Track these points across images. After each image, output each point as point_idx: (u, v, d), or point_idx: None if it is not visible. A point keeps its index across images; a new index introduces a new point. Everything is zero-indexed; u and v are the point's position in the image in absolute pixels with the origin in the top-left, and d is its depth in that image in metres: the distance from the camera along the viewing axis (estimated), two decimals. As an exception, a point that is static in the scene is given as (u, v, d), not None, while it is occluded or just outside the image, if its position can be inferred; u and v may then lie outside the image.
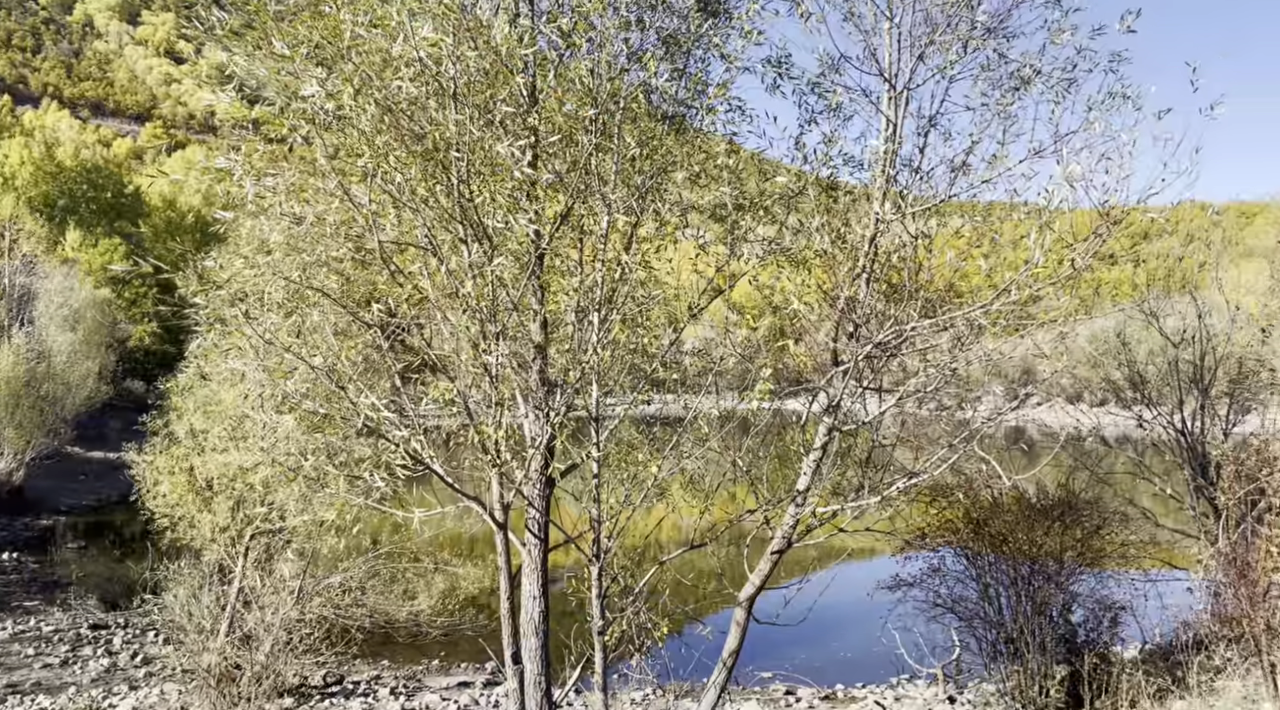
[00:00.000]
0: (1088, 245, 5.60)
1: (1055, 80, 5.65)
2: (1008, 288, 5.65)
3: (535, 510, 6.87)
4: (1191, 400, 12.20)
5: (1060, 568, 9.22)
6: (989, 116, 6.17)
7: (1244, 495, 6.64)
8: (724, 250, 6.89)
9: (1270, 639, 5.90)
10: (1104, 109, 5.53)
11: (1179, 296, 15.33)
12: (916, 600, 9.72)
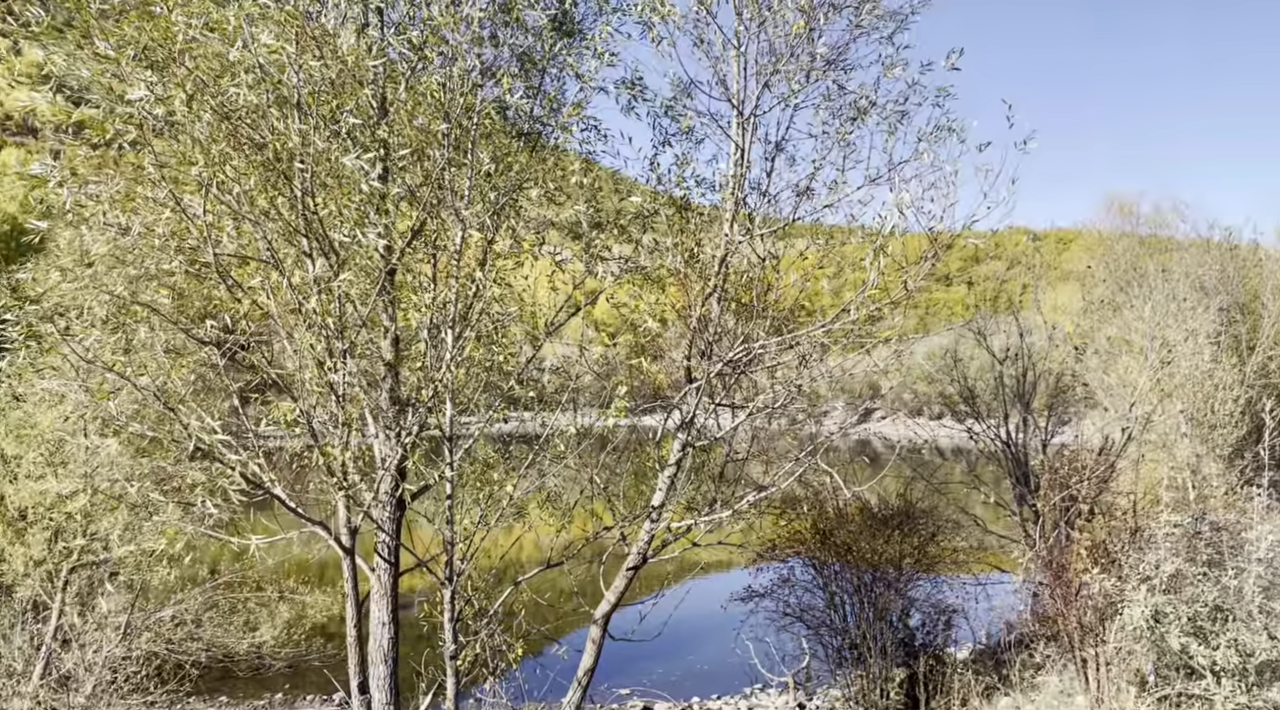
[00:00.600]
0: (919, 268, 5.95)
1: (889, 112, 6.00)
2: (847, 308, 5.94)
3: (385, 533, 6.66)
4: (1015, 413, 13.11)
5: (899, 574, 9.68)
6: (830, 144, 6.47)
7: (1058, 502, 7.18)
8: (581, 268, 6.94)
9: (1082, 635, 6.39)
10: (932, 141, 5.91)
11: (1005, 316, 16.47)
12: (768, 610, 9.98)
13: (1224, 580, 5.80)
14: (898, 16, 5.90)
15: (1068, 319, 29.90)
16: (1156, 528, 6.26)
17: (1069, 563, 6.39)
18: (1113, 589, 5.94)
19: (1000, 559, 11.84)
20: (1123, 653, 6.22)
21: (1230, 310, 19.70)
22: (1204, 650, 5.58)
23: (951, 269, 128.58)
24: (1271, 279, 20.58)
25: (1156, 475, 17.72)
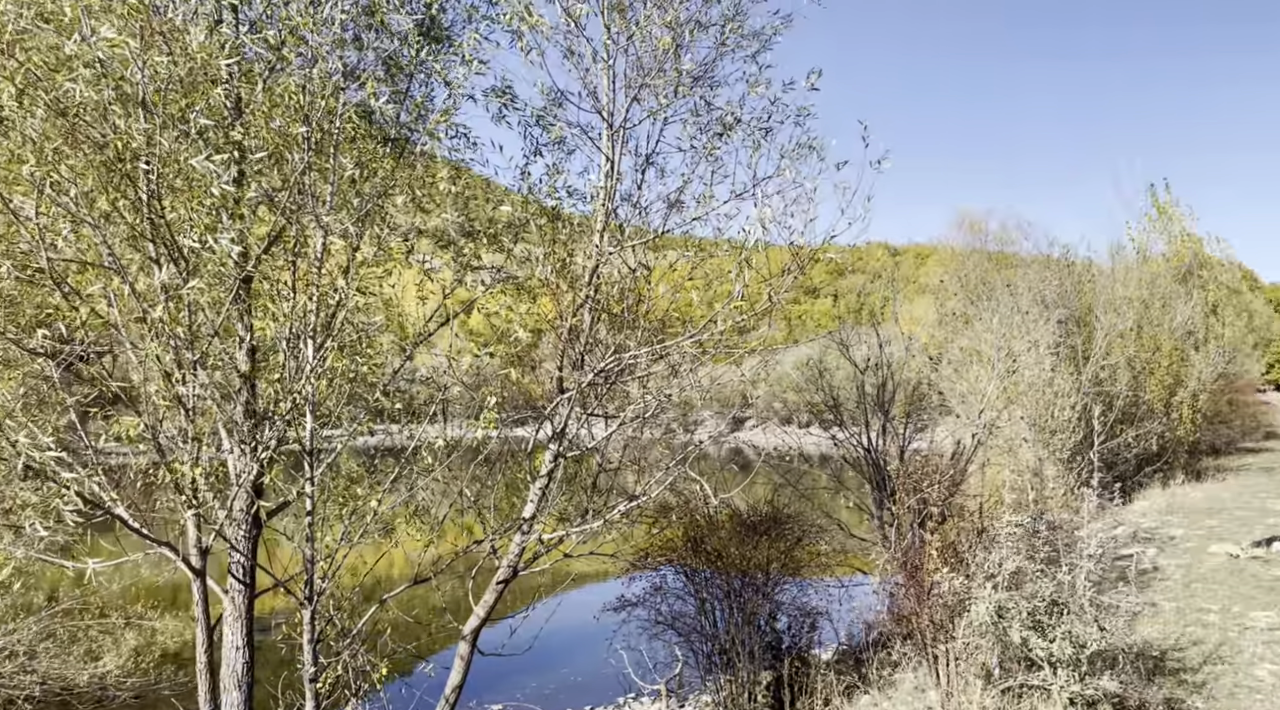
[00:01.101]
0: (783, 281, 6.14)
1: (754, 129, 6.18)
2: (713, 319, 6.06)
3: (240, 553, 6.35)
4: (876, 421, 13.69)
5: (767, 579, 9.93)
6: (698, 158, 6.60)
7: (912, 505, 7.54)
8: (451, 277, 6.84)
9: (934, 633, 6.72)
10: (794, 158, 6.12)
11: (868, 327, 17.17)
12: (640, 619, 10.05)
13: (1059, 576, 6.21)
14: (761, 36, 6.09)
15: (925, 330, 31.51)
16: (999, 528, 6.66)
17: (922, 563, 6.71)
18: (961, 587, 6.28)
19: (863, 562, 12.32)
20: (970, 648, 6.58)
21: (1068, 323, 21.16)
22: (1042, 643, 5.96)
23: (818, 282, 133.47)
24: (1104, 294, 22.27)
25: (1003, 478, 18.87)
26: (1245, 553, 12.56)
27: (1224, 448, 30.91)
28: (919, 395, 15.71)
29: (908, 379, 15.94)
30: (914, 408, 15.19)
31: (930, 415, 21.54)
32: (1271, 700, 6.92)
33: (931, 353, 28.80)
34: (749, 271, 5.69)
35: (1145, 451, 22.13)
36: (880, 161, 5.78)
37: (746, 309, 6.32)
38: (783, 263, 6.51)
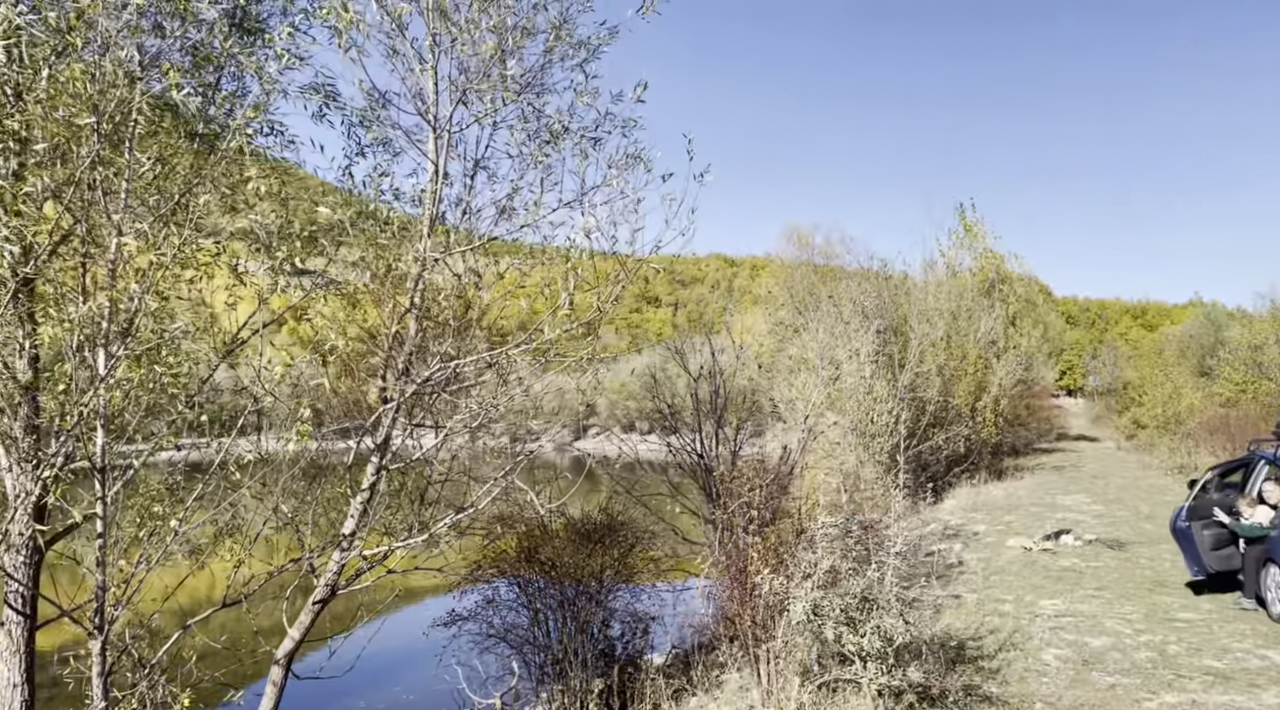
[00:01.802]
0: (610, 290, 6.19)
1: (582, 138, 6.20)
2: (539, 327, 6.03)
3: (18, 582, 5.77)
4: (709, 427, 14.04)
5: (600, 586, 9.96)
6: (528, 165, 6.56)
7: (736, 508, 7.77)
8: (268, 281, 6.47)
9: (756, 633, 6.93)
10: (621, 168, 6.18)
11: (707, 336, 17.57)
12: (471, 633, 9.85)
13: (869, 573, 6.55)
14: (588, 46, 6.12)
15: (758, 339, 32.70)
16: (816, 528, 6.96)
17: (745, 566, 6.92)
18: (781, 587, 6.51)
19: (697, 566, 12.60)
20: (789, 646, 6.83)
21: (886, 332, 22.45)
22: (853, 638, 6.26)
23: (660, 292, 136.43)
24: (918, 305, 23.81)
25: (827, 480, 19.77)
26: (1037, 546, 13.70)
27: (1023, 448, 33.68)
28: (751, 402, 16.27)
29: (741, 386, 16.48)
30: (745, 414, 15.68)
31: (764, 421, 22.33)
32: (1055, 681, 7.54)
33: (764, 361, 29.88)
34: (574, 279, 5.70)
35: (954, 453, 23.79)
36: (703, 174, 5.93)
37: (576, 318, 6.32)
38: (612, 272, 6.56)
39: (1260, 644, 8.44)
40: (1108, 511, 17.84)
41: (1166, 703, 6.88)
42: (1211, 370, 34.54)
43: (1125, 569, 12.28)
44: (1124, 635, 8.83)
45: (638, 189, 6.11)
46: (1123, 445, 36.22)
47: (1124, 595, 10.65)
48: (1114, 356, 62.45)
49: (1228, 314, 43.25)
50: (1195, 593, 10.70)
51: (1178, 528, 10.78)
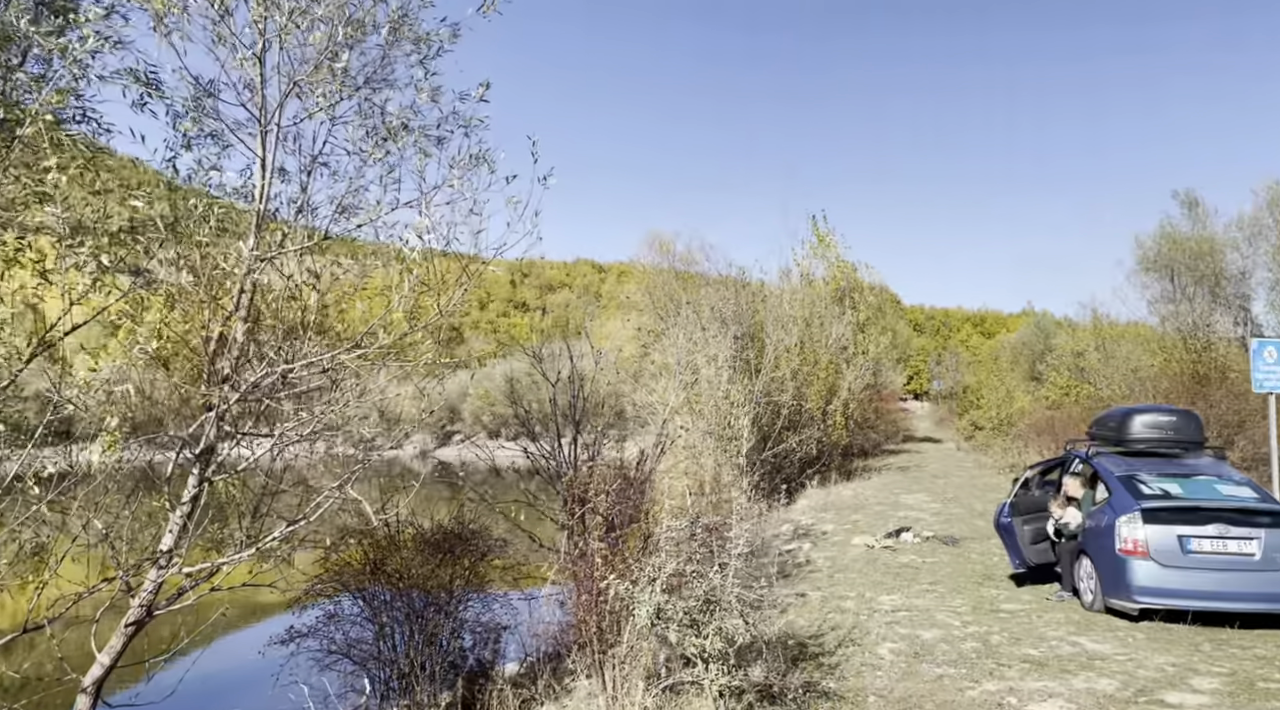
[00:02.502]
0: (452, 294, 6.04)
1: (420, 136, 6.03)
2: (372, 330, 5.82)
3: None
4: (568, 432, 13.98)
5: (450, 597, 9.72)
6: (368, 163, 6.33)
7: (584, 513, 7.74)
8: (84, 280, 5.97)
9: (602, 638, 6.91)
10: (465, 168, 6.05)
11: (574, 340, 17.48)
12: (312, 650, 9.42)
13: (711, 575, 6.63)
14: (429, 42, 5.96)
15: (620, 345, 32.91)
16: (661, 532, 7.00)
17: (591, 571, 6.89)
18: (626, 593, 6.50)
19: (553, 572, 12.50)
20: (634, 651, 6.84)
21: (743, 338, 23.01)
22: (695, 640, 6.32)
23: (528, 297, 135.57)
24: (773, 312, 24.52)
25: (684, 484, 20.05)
26: (879, 543, 14.30)
27: (872, 450, 35.23)
28: (612, 407, 16.32)
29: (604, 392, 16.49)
30: (607, 419, 15.69)
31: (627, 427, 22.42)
32: (889, 674, 7.85)
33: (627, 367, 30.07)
34: (409, 281, 5.52)
35: (807, 455, 24.63)
36: (547, 177, 5.88)
37: (415, 321, 6.13)
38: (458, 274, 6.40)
39: (1072, 631, 9.06)
40: (945, 509, 18.85)
41: (987, 690, 7.27)
42: (1041, 375, 37.12)
43: (958, 564, 12.98)
44: (953, 627, 9.30)
45: (480, 190, 6.00)
46: (962, 446, 38.43)
47: (955, 589, 11.25)
48: (956, 362, 66.26)
49: (1055, 323, 46.52)
50: (1017, 585, 11.42)
51: (1001, 523, 11.49)
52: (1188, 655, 8.12)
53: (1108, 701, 6.91)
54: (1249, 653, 8.23)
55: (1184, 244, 22.93)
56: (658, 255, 29.57)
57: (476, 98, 6.00)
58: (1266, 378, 13.20)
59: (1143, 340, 25.47)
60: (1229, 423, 17.81)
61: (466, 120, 5.99)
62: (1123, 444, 11.06)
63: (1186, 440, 10.89)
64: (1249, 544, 9.14)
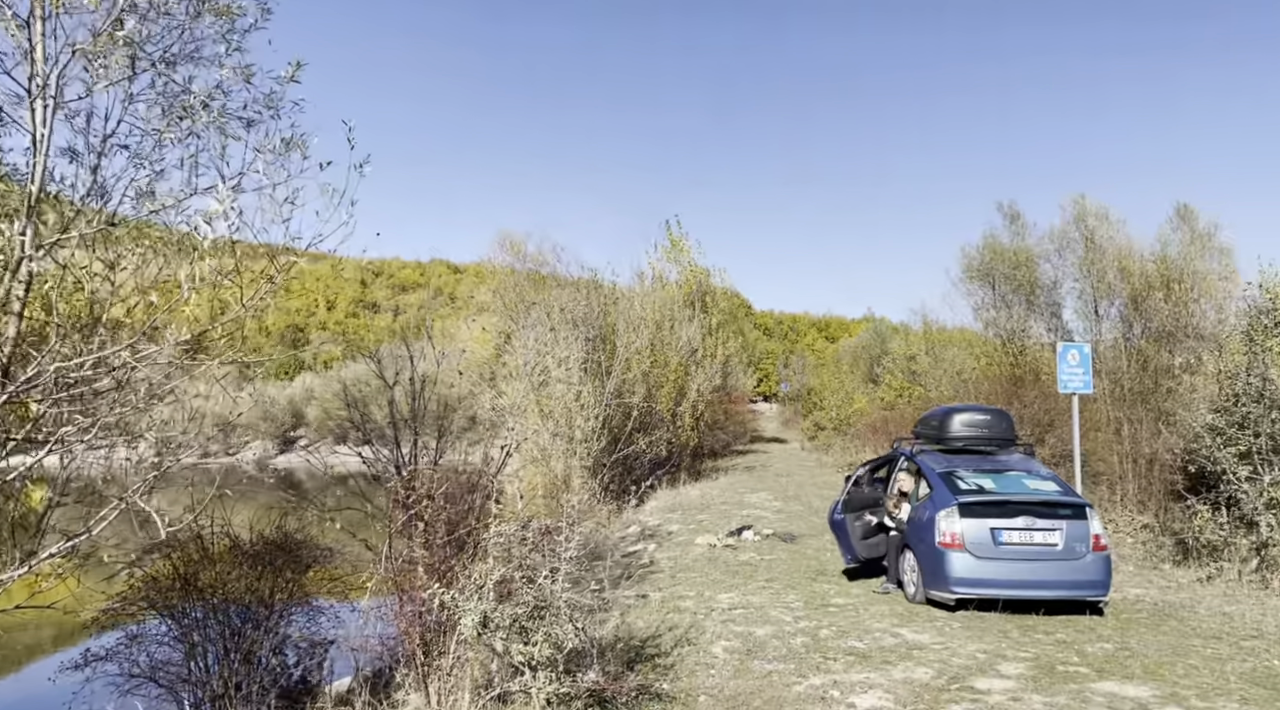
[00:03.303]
0: (259, 287, 5.62)
1: (224, 116, 5.58)
2: (156, 325, 5.34)
3: None
4: (408, 437, 13.47)
5: (271, 611, 9.15)
6: (165, 143, 5.81)
7: (406, 520, 7.42)
8: None
9: (426, 650, 6.62)
10: (275, 153, 5.63)
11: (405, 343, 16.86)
12: (111, 675, 8.63)
13: (540, 581, 6.47)
14: (232, 14, 5.53)
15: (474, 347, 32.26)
16: (488, 538, 6.78)
17: (414, 581, 6.59)
18: (451, 602, 6.24)
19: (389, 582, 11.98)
20: (461, 661, 6.59)
21: (595, 340, 22.98)
22: (523, 648, 6.13)
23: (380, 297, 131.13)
24: (625, 315, 24.62)
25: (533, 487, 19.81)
26: (721, 542, 14.52)
27: (721, 450, 35.99)
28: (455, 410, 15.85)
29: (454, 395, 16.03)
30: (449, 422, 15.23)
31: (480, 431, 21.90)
32: (721, 673, 7.90)
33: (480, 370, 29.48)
34: (205, 270, 5.09)
35: (657, 456, 24.85)
36: (363, 165, 5.54)
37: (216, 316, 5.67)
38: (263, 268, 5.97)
39: (896, 623, 9.42)
40: (786, 507, 19.41)
41: (813, 685, 7.43)
42: (878, 377, 38.96)
43: (794, 560, 13.34)
44: (785, 623, 9.50)
45: (298, 176, 5.60)
46: (806, 446, 39.85)
47: (790, 585, 11.53)
48: (802, 365, 68.72)
49: (892, 328, 48.98)
50: (849, 579, 11.83)
51: (834, 521, 11.88)
52: (997, 642, 8.59)
53: (923, 690, 7.18)
54: (1051, 637, 8.78)
55: (1004, 254, 24.52)
56: (509, 256, 29.16)
57: (287, 78, 5.60)
58: (1070, 379, 14.25)
59: (968, 345, 27.10)
60: (1040, 422, 19.14)
61: (274, 101, 5.58)
62: (943, 442, 11.65)
63: (1000, 438, 11.58)
64: (1053, 535, 9.78)
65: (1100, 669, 7.69)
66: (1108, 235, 22.23)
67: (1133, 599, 10.67)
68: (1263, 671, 7.62)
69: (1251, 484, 11.27)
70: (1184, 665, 7.79)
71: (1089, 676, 7.48)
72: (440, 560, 6.65)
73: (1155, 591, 11.14)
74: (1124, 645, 8.46)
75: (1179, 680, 7.35)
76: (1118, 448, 19.47)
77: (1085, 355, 14.49)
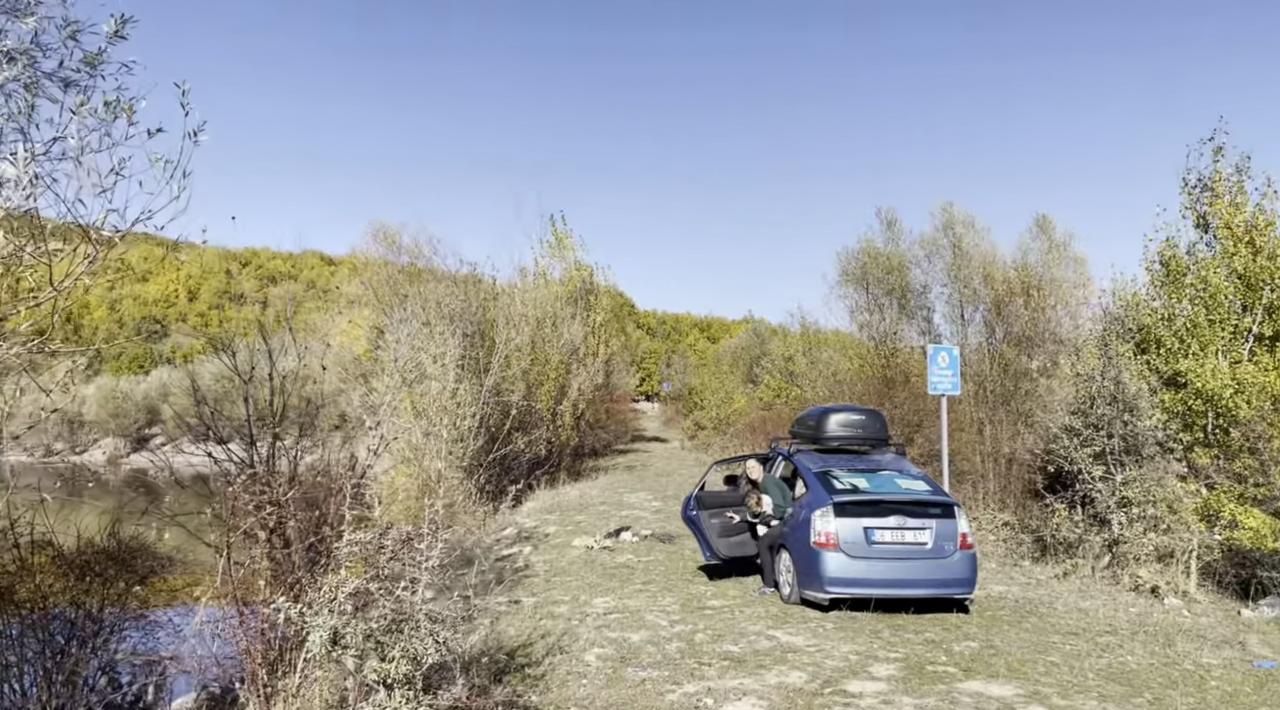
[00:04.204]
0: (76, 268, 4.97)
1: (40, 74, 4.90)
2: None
3: None
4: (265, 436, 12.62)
5: (100, 627, 8.30)
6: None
7: (247, 528, 6.81)
8: None
9: (269, 669, 6.06)
10: (98, 118, 4.99)
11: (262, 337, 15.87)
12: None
13: (399, 592, 6.01)
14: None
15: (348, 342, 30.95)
16: (339, 546, 6.27)
17: (257, 593, 6.02)
18: (299, 616, 5.71)
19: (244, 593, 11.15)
20: (308, 680, 6.05)
21: (473, 336, 22.34)
22: (377, 665, 5.67)
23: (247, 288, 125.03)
24: (505, 311, 24.06)
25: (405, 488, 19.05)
26: (598, 544, 14.24)
27: (602, 450, 35.78)
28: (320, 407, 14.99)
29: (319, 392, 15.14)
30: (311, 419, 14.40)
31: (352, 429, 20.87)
32: (594, 682, 7.60)
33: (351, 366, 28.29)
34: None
35: (536, 455, 24.38)
36: (198, 132, 4.98)
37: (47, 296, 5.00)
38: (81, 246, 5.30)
39: (771, 625, 9.34)
40: (665, 507, 19.30)
41: (687, 692, 7.22)
42: (757, 378, 39.57)
43: (672, 561, 13.19)
44: (660, 628, 9.29)
45: (123, 143, 4.97)
46: (686, 445, 40.07)
47: (667, 587, 11.35)
48: (684, 365, 69.36)
49: (771, 329, 49.93)
50: (712, 578, 11.75)
51: (687, 516, 11.82)
52: (869, 643, 8.60)
53: (796, 695, 7.07)
54: (921, 637, 8.87)
55: (879, 259, 25.21)
56: (383, 247, 28.06)
57: (109, 33, 4.96)
58: (940, 381, 14.65)
59: (843, 347, 27.76)
60: (910, 422, 19.70)
61: (96, 59, 4.93)
62: (819, 441, 11.71)
63: (874, 438, 11.72)
64: (922, 533, 9.92)
65: (967, 668, 7.78)
66: (974, 242, 23.16)
67: (996, 596, 10.97)
68: (1118, 667, 7.87)
69: (1105, 483, 11.78)
70: (1045, 662, 7.97)
71: (957, 676, 7.55)
72: (287, 570, 6.09)
73: (1017, 588, 11.50)
74: (989, 643, 8.62)
75: (1040, 678, 7.50)
76: (980, 447, 20.27)
77: (954, 357, 14.93)
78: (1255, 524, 12.88)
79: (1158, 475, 11.82)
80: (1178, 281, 14.79)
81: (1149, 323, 14.84)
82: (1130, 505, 11.53)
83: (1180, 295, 14.68)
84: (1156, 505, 11.57)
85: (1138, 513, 11.49)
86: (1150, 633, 9.15)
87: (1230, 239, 14.27)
